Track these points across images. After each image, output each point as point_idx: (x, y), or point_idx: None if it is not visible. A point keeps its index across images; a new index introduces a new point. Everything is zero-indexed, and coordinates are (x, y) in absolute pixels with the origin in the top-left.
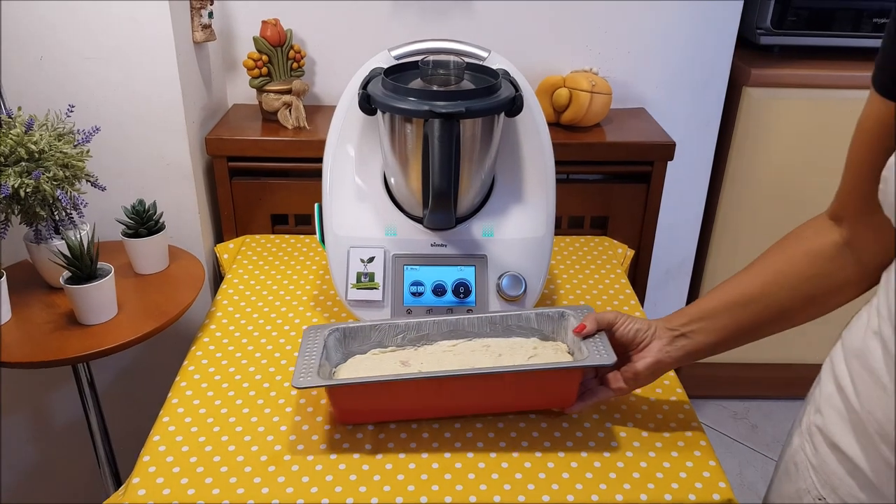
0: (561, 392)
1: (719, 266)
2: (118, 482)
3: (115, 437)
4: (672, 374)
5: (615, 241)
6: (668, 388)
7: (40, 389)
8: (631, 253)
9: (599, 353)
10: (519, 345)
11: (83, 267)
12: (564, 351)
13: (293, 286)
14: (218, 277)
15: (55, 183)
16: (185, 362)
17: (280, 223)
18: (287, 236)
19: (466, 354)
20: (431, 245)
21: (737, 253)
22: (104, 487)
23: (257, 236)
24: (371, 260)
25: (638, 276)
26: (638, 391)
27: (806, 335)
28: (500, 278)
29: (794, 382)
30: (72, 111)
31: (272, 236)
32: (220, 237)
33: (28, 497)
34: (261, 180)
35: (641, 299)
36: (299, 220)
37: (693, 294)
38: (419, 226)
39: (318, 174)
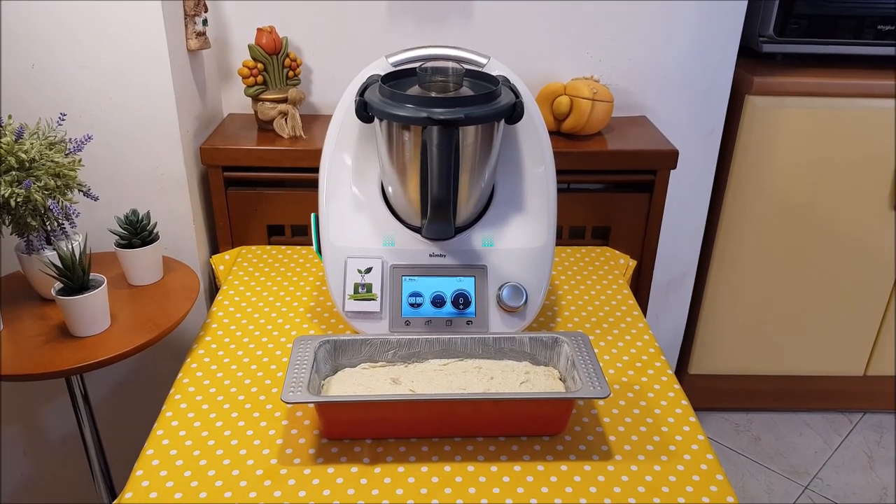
0: (552, 421)
1: (722, 278)
2: (113, 494)
3: (110, 449)
4: (677, 385)
5: (617, 252)
6: (673, 399)
7: (34, 401)
8: (633, 264)
9: (593, 384)
10: (511, 368)
11: (75, 278)
12: (556, 377)
13: (289, 297)
14: (214, 289)
15: (46, 192)
16: (180, 375)
17: (276, 234)
18: (283, 247)
19: (457, 375)
20: (430, 255)
21: (740, 264)
22: (99, 500)
23: (253, 247)
24: (368, 271)
25: (640, 287)
26: (642, 403)
27: (809, 347)
28: (500, 289)
29: (797, 394)
30: (63, 119)
31: (268, 247)
32: (215, 248)
33: None
34: (257, 190)
35: (644, 311)
36: (296, 230)
37: (695, 307)
38: (417, 236)
39: (314, 184)
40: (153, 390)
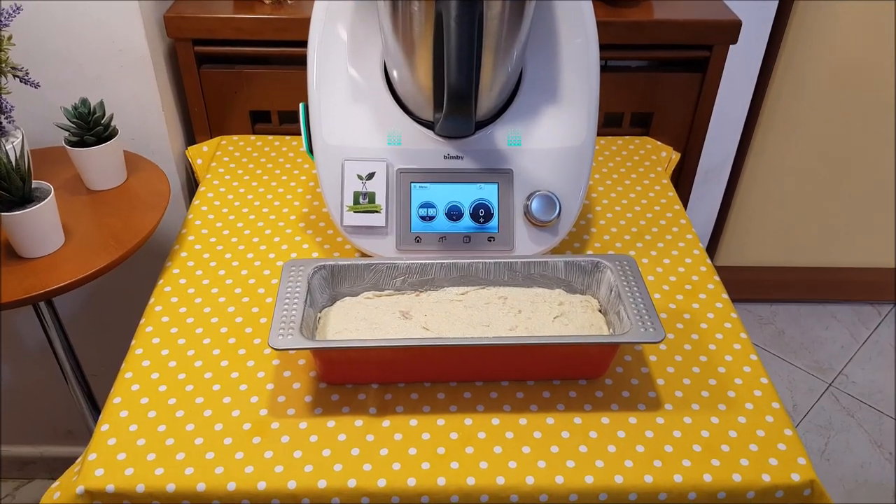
0: (592, 364)
1: (760, 165)
2: (93, 403)
3: (87, 360)
4: (734, 314)
5: (658, 143)
6: (731, 332)
7: (4, 313)
8: (676, 157)
9: (644, 323)
10: (541, 298)
11: (13, 189)
12: (595, 308)
13: (279, 202)
14: (192, 185)
15: None
16: (152, 300)
17: (262, 121)
18: (270, 137)
19: (479, 307)
20: (445, 157)
21: (781, 149)
22: (78, 408)
23: (235, 137)
24: (371, 176)
25: (682, 180)
26: (694, 336)
27: (844, 238)
28: (528, 199)
29: (826, 286)
30: None
31: (252, 137)
32: (192, 139)
33: (6, 419)
34: (236, 69)
35: (684, 205)
36: (284, 117)
37: (728, 196)
38: (430, 133)
39: (304, 61)
40: (129, 302)
